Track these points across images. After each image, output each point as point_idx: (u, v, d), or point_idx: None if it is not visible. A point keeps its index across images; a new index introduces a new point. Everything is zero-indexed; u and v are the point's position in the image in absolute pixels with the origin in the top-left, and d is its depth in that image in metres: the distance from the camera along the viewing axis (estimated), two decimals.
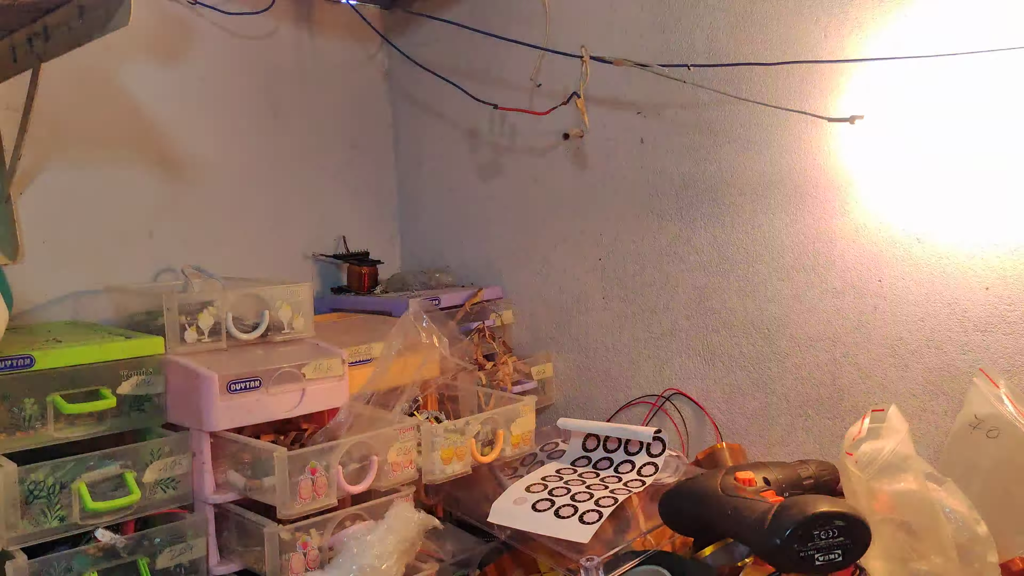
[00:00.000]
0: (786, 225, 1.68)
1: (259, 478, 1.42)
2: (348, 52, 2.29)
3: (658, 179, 1.86)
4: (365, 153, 2.34)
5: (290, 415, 1.54)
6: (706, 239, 1.79)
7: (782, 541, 1.17)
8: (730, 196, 1.75)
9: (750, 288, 1.74)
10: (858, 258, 1.60)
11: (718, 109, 1.74)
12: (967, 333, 1.48)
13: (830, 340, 1.64)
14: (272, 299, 1.63)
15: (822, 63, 1.57)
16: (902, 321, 1.55)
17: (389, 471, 1.50)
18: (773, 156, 1.68)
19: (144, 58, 1.88)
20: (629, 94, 1.88)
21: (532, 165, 2.09)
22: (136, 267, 1.85)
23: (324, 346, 1.64)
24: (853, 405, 1.61)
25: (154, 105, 1.90)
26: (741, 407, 1.77)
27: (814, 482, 1.45)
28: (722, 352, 1.79)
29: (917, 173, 1.51)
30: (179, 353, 1.50)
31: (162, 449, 1.40)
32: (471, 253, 2.24)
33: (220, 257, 1.98)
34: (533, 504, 1.52)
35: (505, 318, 2.10)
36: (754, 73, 1.66)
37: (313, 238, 2.22)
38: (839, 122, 1.53)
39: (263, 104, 2.11)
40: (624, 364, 1.95)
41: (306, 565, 1.38)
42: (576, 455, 1.72)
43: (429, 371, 1.69)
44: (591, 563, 1.38)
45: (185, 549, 1.39)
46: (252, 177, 2.08)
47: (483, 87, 2.11)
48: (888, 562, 1.21)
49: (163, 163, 1.92)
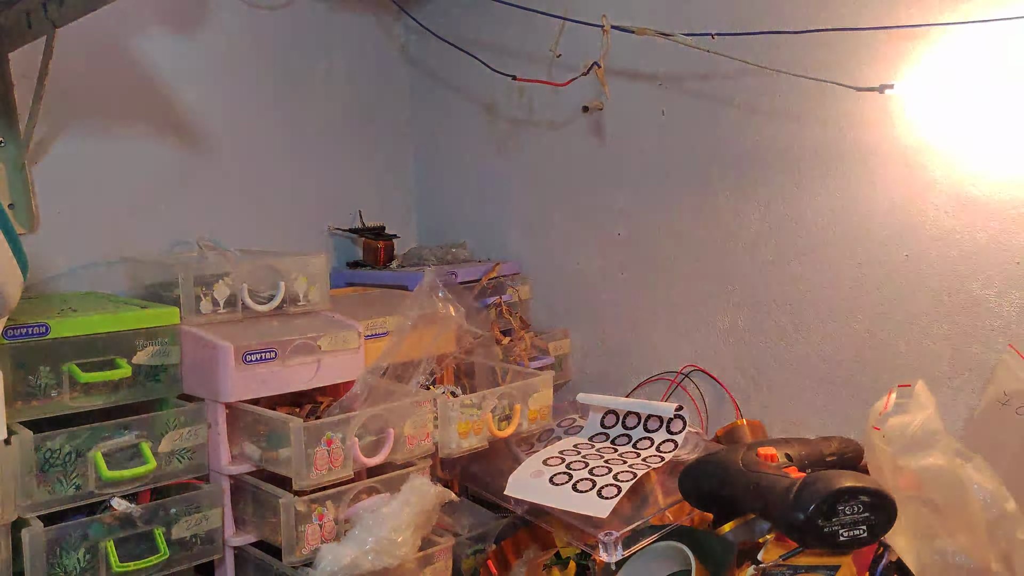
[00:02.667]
0: (811, 198, 1.64)
1: (275, 449, 1.41)
2: (365, 24, 2.26)
3: (679, 152, 1.82)
4: (382, 126, 2.31)
5: (306, 387, 1.53)
6: (728, 213, 1.76)
7: (806, 516, 1.15)
8: (753, 169, 1.71)
9: (773, 263, 1.71)
10: (885, 232, 1.56)
11: (741, 80, 1.70)
12: (996, 308, 1.45)
13: (854, 315, 1.61)
14: (287, 270, 1.62)
15: (850, 31, 1.53)
16: (929, 296, 1.52)
17: (405, 444, 1.48)
18: (798, 127, 1.64)
19: (160, 27, 1.86)
20: (650, 65, 1.85)
21: (550, 139, 2.06)
22: (151, 238, 1.84)
23: (340, 319, 1.63)
24: (877, 382, 1.58)
25: (170, 75, 1.88)
26: (762, 383, 1.75)
27: (837, 458, 1.42)
28: (743, 328, 1.76)
29: (946, 145, 1.48)
30: (194, 324, 1.49)
31: (178, 419, 1.40)
32: (488, 227, 2.22)
33: (235, 229, 1.97)
34: (551, 477, 1.50)
35: (522, 293, 2.07)
36: (779, 42, 1.62)
37: (329, 212, 2.21)
38: (868, 92, 1.49)
39: (279, 76, 2.09)
40: (643, 340, 1.93)
41: (322, 537, 1.37)
42: (594, 431, 1.71)
43: (445, 344, 1.67)
44: (609, 538, 1.36)
45: (201, 520, 1.39)
46: (268, 149, 2.07)
47: (501, 59, 2.08)
48: (914, 539, 1.19)
49: (179, 134, 1.90)
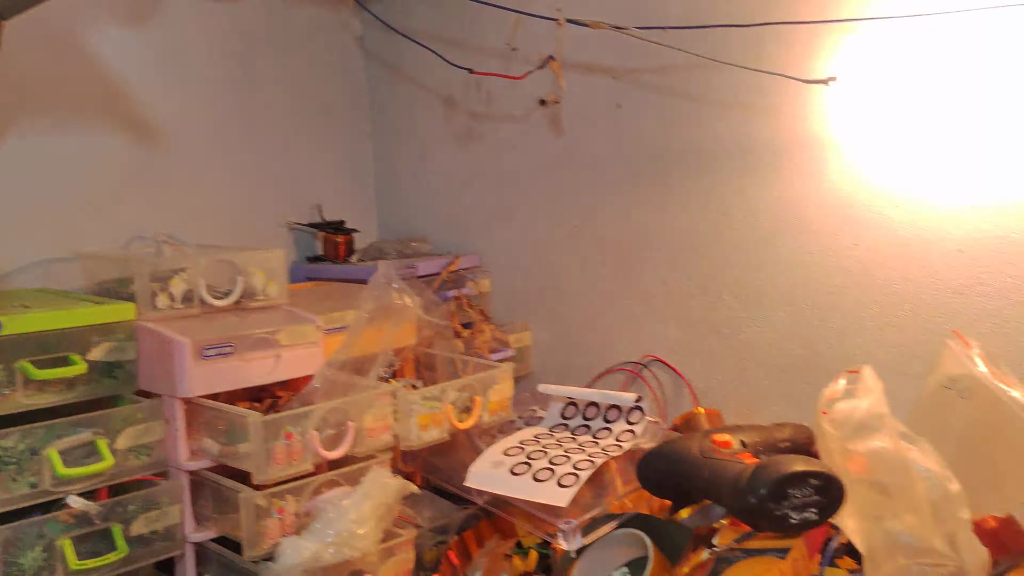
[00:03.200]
0: (763, 190, 1.68)
1: (234, 444, 1.40)
2: (322, 17, 2.25)
3: (635, 144, 1.85)
4: (340, 121, 2.31)
5: (265, 381, 1.53)
6: (682, 204, 1.79)
7: (758, 500, 1.18)
8: (707, 161, 1.74)
9: (727, 253, 1.74)
10: (835, 222, 1.60)
11: (695, 72, 1.73)
12: (941, 295, 1.49)
13: (806, 304, 1.64)
14: (245, 265, 1.61)
15: (797, 24, 1.56)
16: (877, 284, 1.56)
17: (365, 437, 1.49)
18: (750, 120, 1.67)
19: (114, 20, 1.84)
20: (606, 59, 1.87)
21: (509, 132, 2.07)
22: (107, 234, 1.82)
23: (299, 313, 1.63)
24: (829, 368, 1.60)
25: (124, 69, 1.86)
26: (718, 372, 1.78)
27: (790, 444, 1.45)
28: (699, 318, 1.79)
29: (892, 136, 1.51)
30: (151, 319, 1.48)
31: (134, 416, 1.39)
32: (448, 221, 2.23)
33: (193, 225, 1.95)
34: (511, 468, 1.51)
35: (483, 286, 2.08)
36: (731, 36, 1.65)
37: (288, 207, 2.20)
38: (815, 84, 1.52)
39: (236, 70, 2.07)
40: (602, 331, 1.95)
41: (282, 530, 1.37)
42: (555, 421, 1.73)
43: (404, 337, 1.68)
44: (568, 526, 1.38)
45: (160, 516, 1.38)
46: (226, 144, 2.05)
47: (459, 53, 2.08)
48: (862, 520, 1.22)
49: (134, 129, 1.88)
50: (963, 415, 1.32)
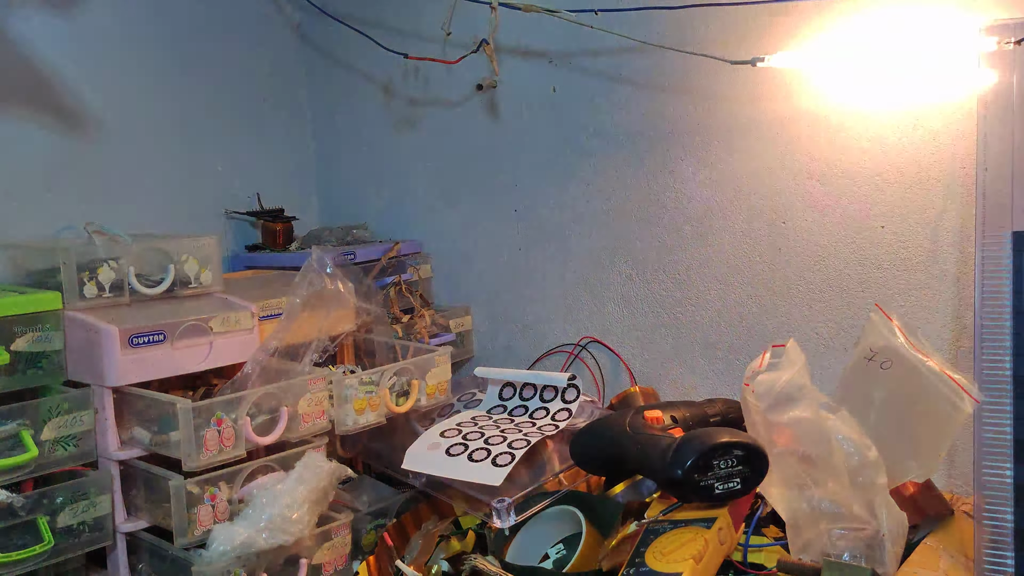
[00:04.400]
0: (694, 169, 1.70)
1: (165, 433, 1.39)
2: (258, 3, 2.23)
3: (570, 127, 1.86)
4: (278, 108, 2.28)
5: (198, 369, 1.51)
6: (617, 186, 1.80)
7: (683, 472, 1.20)
8: (640, 142, 1.76)
9: (661, 233, 1.76)
10: (764, 200, 1.63)
11: (626, 56, 1.74)
12: (865, 270, 1.53)
13: (738, 282, 1.67)
14: (177, 252, 1.59)
15: (724, 6, 1.58)
16: (806, 260, 1.59)
17: (300, 422, 1.48)
18: (681, 101, 1.70)
19: (37, 5, 1.80)
20: (540, 43, 1.87)
21: (447, 117, 2.07)
22: (35, 224, 1.78)
23: (233, 300, 1.61)
24: (761, 345, 1.64)
25: (50, 55, 1.81)
26: (655, 351, 1.80)
27: (720, 419, 1.48)
28: (635, 298, 1.81)
29: (816, 117, 1.54)
30: (78, 308, 1.45)
31: (61, 406, 1.36)
32: (389, 207, 2.22)
33: (128, 214, 1.92)
34: (447, 449, 1.52)
35: (423, 272, 2.08)
36: (659, 18, 1.67)
37: (227, 195, 2.17)
38: (741, 65, 1.54)
39: (169, 56, 2.04)
40: (541, 314, 1.97)
41: (215, 517, 1.36)
42: (492, 403, 1.73)
43: (340, 323, 1.67)
44: (502, 504, 1.39)
45: (88, 507, 1.36)
46: (160, 132, 2.02)
47: (396, 38, 2.07)
48: (785, 489, 1.25)
49: (61, 116, 1.84)
50: (884, 385, 1.36)
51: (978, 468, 1.28)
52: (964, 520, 1.36)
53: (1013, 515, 1.25)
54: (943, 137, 1.44)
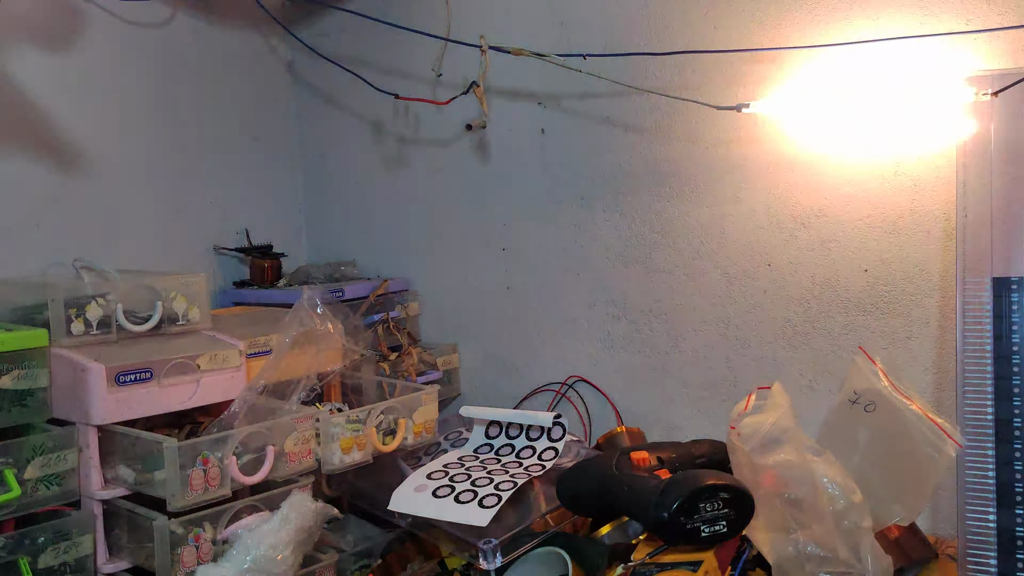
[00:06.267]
0: (680, 212, 1.72)
1: (150, 471, 1.38)
2: (249, 42, 2.25)
3: (558, 169, 1.88)
4: (269, 145, 2.30)
5: (184, 407, 1.51)
6: (606, 228, 1.82)
7: (669, 514, 1.20)
8: (628, 185, 1.78)
9: (648, 275, 1.78)
10: (749, 243, 1.65)
11: (614, 99, 1.77)
12: (848, 313, 1.55)
13: (724, 324, 1.69)
14: (166, 290, 1.59)
15: (710, 53, 1.62)
16: (790, 304, 1.61)
17: (287, 461, 1.48)
18: (668, 145, 1.72)
19: (29, 43, 1.81)
20: (530, 85, 1.90)
21: (436, 157, 2.09)
22: (23, 261, 1.78)
23: (221, 337, 1.61)
24: (746, 387, 1.65)
25: (41, 93, 1.82)
26: (641, 392, 1.81)
27: (706, 460, 1.48)
28: (622, 338, 1.82)
29: (801, 162, 1.57)
30: (64, 346, 1.45)
31: (45, 444, 1.35)
32: (377, 245, 2.23)
33: (116, 251, 1.92)
34: (433, 491, 1.52)
35: (411, 309, 2.09)
36: (647, 63, 1.70)
37: (216, 232, 2.17)
38: (728, 110, 1.57)
39: (160, 94, 2.05)
40: (528, 353, 1.97)
41: (198, 558, 1.35)
42: (479, 443, 1.73)
43: (328, 361, 1.67)
44: (488, 546, 1.39)
45: (70, 547, 1.35)
46: (150, 169, 2.02)
47: (387, 78, 2.10)
48: (771, 532, 1.26)
49: (52, 153, 1.85)
50: (868, 428, 1.37)
51: (961, 512, 1.30)
52: (948, 564, 1.37)
53: (996, 559, 1.26)
54: (924, 184, 1.47)
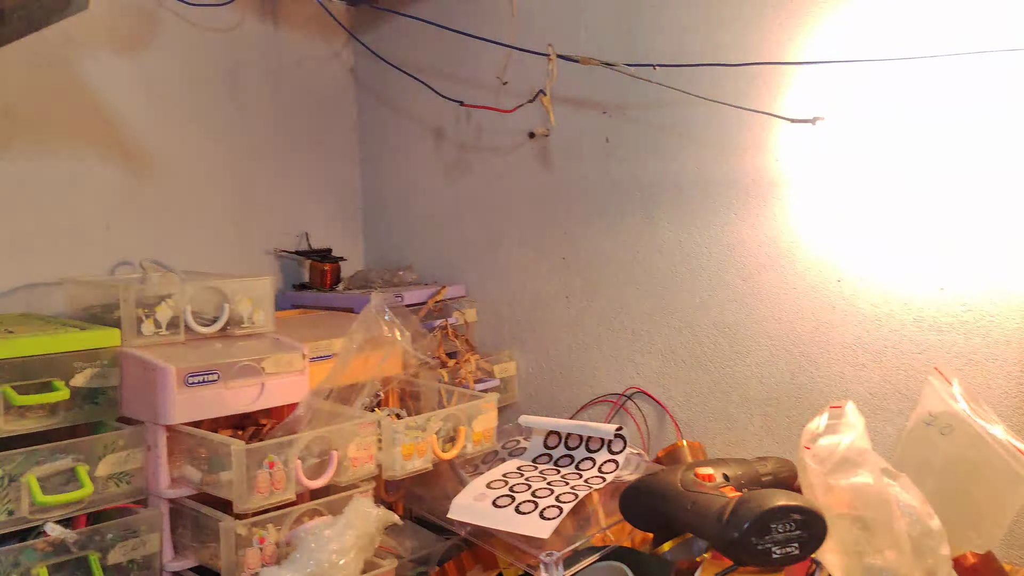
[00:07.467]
0: (749, 225, 1.69)
1: (216, 472, 1.39)
2: (313, 47, 2.28)
3: (622, 178, 1.87)
4: (329, 150, 2.32)
5: (249, 409, 1.52)
6: (669, 238, 1.80)
7: (740, 534, 1.18)
8: (694, 196, 1.76)
9: (712, 287, 1.75)
10: (818, 257, 1.62)
11: (683, 109, 1.75)
12: (923, 332, 1.51)
13: (790, 339, 1.66)
14: (232, 293, 1.61)
15: (785, 64, 1.59)
16: (859, 320, 1.57)
17: (348, 466, 1.48)
18: (737, 156, 1.70)
19: (104, 48, 1.85)
20: (595, 94, 1.89)
21: (497, 164, 2.09)
22: (92, 260, 1.82)
23: (284, 340, 1.62)
24: (811, 404, 1.63)
25: (114, 96, 1.86)
26: (702, 405, 1.78)
27: (772, 478, 1.46)
28: (684, 351, 1.80)
29: (875, 173, 1.54)
30: (135, 346, 1.47)
31: (116, 443, 1.38)
32: (435, 251, 2.24)
33: (180, 252, 1.95)
34: (494, 500, 1.51)
35: (468, 316, 2.09)
36: (719, 74, 1.68)
37: (275, 234, 2.20)
38: (801, 123, 1.54)
39: (226, 98, 2.08)
40: (586, 363, 1.96)
41: (262, 560, 1.36)
42: (538, 452, 1.72)
43: (390, 367, 1.68)
44: (551, 558, 1.38)
45: (138, 544, 1.37)
46: (213, 171, 2.06)
47: (449, 85, 2.10)
48: (844, 556, 1.22)
49: (122, 155, 1.88)
50: (944, 452, 1.33)
51: None
52: None
53: None
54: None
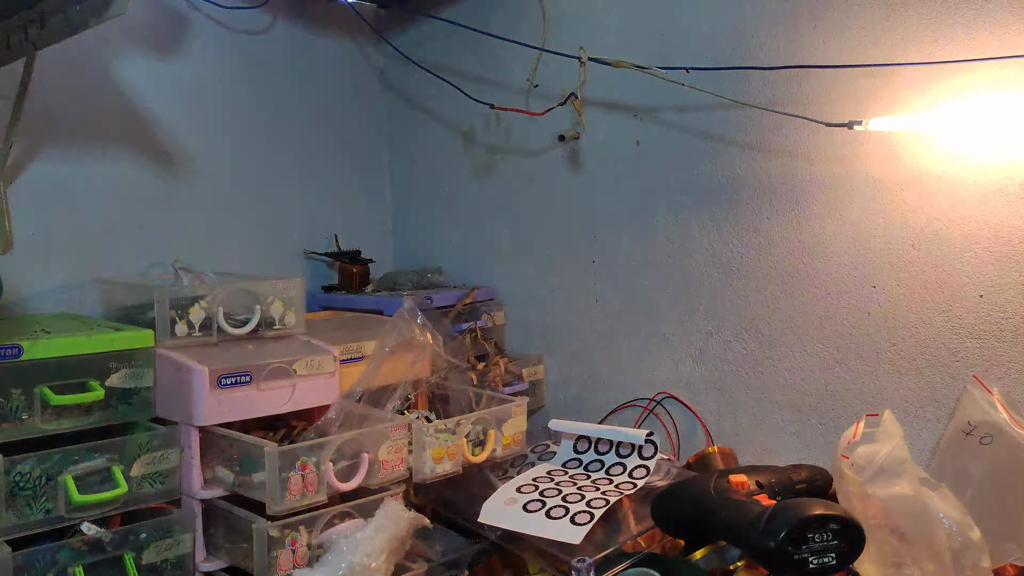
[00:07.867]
0: (781, 229, 1.68)
1: (248, 474, 1.40)
2: (344, 49, 2.28)
3: (653, 182, 1.85)
4: (359, 152, 2.33)
5: (281, 411, 1.53)
6: (700, 242, 1.79)
7: (776, 544, 1.16)
8: (725, 199, 1.75)
9: (744, 292, 1.74)
10: (852, 263, 1.60)
11: (715, 112, 1.74)
12: (961, 340, 1.48)
13: (823, 345, 1.64)
14: (264, 294, 1.62)
15: (819, 68, 1.58)
16: (895, 327, 1.55)
17: (379, 469, 1.48)
18: (770, 160, 1.68)
19: (139, 51, 1.87)
20: (625, 97, 1.88)
21: (527, 166, 2.08)
22: (126, 261, 1.83)
23: (316, 343, 1.63)
24: (845, 411, 1.61)
25: (148, 98, 1.88)
26: (733, 411, 1.77)
27: (806, 486, 1.44)
28: (714, 356, 1.79)
29: (913, 181, 1.52)
30: (169, 347, 1.48)
31: (150, 443, 1.39)
32: (464, 253, 2.24)
33: (211, 253, 1.96)
34: (524, 505, 1.51)
35: (497, 319, 2.09)
36: (752, 77, 1.66)
37: (305, 236, 2.21)
38: (839, 127, 1.53)
39: (257, 100, 2.10)
40: (616, 367, 1.95)
41: (294, 562, 1.37)
42: (567, 457, 1.72)
43: (420, 370, 1.68)
44: (582, 564, 1.37)
45: (172, 544, 1.38)
46: (244, 173, 2.07)
47: (479, 87, 2.10)
48: (881, 567, 1.21)
49: (155, 157, 1.90)
50: (983, 461, 1.31)
51: None
52: None
53: None
54: None
